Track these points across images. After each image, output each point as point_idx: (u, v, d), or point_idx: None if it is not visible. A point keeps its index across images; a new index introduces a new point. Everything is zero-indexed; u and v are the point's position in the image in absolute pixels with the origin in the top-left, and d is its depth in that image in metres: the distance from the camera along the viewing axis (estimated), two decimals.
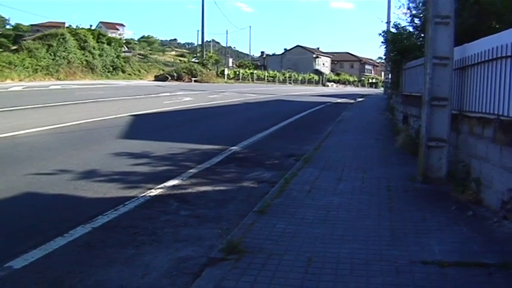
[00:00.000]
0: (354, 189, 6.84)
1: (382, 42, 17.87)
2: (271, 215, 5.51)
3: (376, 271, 3.96)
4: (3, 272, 4.02)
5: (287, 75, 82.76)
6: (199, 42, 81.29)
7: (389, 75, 26.02)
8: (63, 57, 43.20)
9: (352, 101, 33.64)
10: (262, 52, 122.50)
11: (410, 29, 14.07)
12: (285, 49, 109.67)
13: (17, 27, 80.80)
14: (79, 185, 6.91)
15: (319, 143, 11.37)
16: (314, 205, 5.98)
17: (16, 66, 36.83)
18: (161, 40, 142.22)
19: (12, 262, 4.20)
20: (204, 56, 69.33)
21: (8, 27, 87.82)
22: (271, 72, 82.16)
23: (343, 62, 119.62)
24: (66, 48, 43.80)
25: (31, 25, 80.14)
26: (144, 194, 6.57)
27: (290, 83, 79.77)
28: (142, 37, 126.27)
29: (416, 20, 13.14)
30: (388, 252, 4.39)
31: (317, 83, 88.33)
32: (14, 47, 44.99)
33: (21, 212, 5.77)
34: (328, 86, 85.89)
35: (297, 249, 4.45)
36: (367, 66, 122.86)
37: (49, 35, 44.42)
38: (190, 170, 8.19)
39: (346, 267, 4.04)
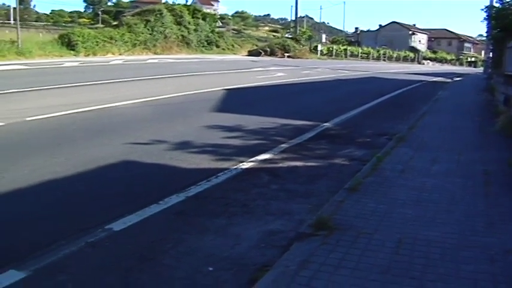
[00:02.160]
0: (448, 172, 6.59)
1: (484, 18, 16.80)
2: (362, 193, 5.44)
3: (468, 258, 3.81)
4: (104, 232, 4.29)
5: (381, 52, 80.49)
6: (293, 18, 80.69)
7: (491, 53, 24.60)
8: (160, 32, 44.31)
9: (449, 80, 32.27)
10: (356, 28, 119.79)
11: None
12: (380, 25, 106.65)
13: (117, 3, 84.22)
14: (174, 155, 7.16)
15: (413, 123, 11.03)
16: (406, 185, 5.84)
17: (116, 41, 38.25)
18: (255, 15, 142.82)
19: (112, 224, 4.45)
20: (298, 31, 68.80)
21: (109, 4, 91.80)
22: (365, 48, 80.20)
23: (441, 39, 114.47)
24: (163, 23, 44.88)
25: (130, 1, 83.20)
26: (236, 167, 6.70)
27: (384, 60, 77.59)
28: (236, 12, 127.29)
29: None
30: (482, 239, 4.21)
31: (412, 60, 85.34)
32: (115, 23, 46.85)
33: (119, 179, 6.10)
34: (423, 64, 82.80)
35: (387, 229, 4.38)
36: (466, 44, 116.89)
37: (147, 10, 45.67)
38: (282, 145, 8.24)
39: (437, 251, 3.93)
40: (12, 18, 55.72)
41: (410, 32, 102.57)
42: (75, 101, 11.68)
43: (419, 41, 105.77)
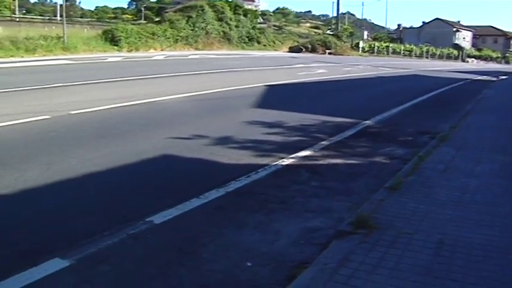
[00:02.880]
0: (492, 173, 6.42)
1: None
2: (403, 192, 5.37)
3: None
4: (145, 225, 4.36)
5: (424, 49, 79.04)
6: (335, 14, 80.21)
7: None
8: (202, 28, 44.65)
9: (494, 78, 31.42)
10: (399, 25, 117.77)
11: None
12: (423, 22, 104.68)
13: (160, 0, 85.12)
14: (214, 150, 7.22)
15: (456, 122, 10.80)
16: (448, 186, 5.72)
17: (159, 36, 38.75)
18: (296, 12, 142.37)
19: (153, 217, 4.53)
20: (339, 28, 68.31)
21: (152, 0, 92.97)
22: (407, 46, 78.90)
23: (486, 36, 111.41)
24: (204, 19, 45.21)
25: None
26: (276, 163, 6.70)
27: (427, 57, 76.17)
28: (277, 9, 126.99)
29: None
30: None
31: (456, 58, 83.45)
32: (157, 19, 47.48)
33: (160, 172, 6.20)
34: (468, 61, 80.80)
35: (427, 229, 4.31)
36: None
37: (189, 7, 46.08)
38: (322, 142, 8.20)
39: (479, 253, 3.84)
40: (58, 15, 57.05)
41: (454, 29, 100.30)
42: (119, 95, 11.92)
43: (464, 38, 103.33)
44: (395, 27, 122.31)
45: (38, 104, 10.28)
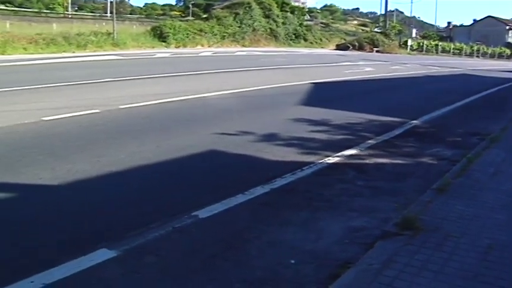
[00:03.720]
0: None
1: None
2: (451, 194, 5.26)
3: None
4: (190, 219, 4.43)
5: (475, 48, 76.98)
6: (382, 12, 78.85)
7: None
8: (249, 25, 44.77)
9: None
10: (449, 23, 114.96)
11: None
12: (474, 20, 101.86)
13: None
14: (260, 147, 7.25)
15: (507, 123, 10.49)
16: (498, 189, 5.58)
17: (206, 33, 39.09)
18: (343, 9, 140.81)
19: (198, 212, 4.59)
20: (387, 26, 67.26)
21: None
22: (457, 44, 76.91)
23: None
24: (251, 16, 45.31)
25: None
26: (321, 161, 6.68)
27: (477, 56, 74.10)
28: (324, 6, 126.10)
29: None
30: None
31: (508, 57, 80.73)
32: (205, 16, 47.87)
33: (206, 168, 6.28)
34: None
35: (475, 233, 4.22)
36: None
37: (236, 4, 46.24)
38: (369, 141, 8.13)
39: None
40: (109, 12, 58.35)
41: (507, 27, 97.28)
42: (167, 91, 12.11)
43: None
44: (445, 25, 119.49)
45: (88, 98, 10.55)
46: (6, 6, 64.33)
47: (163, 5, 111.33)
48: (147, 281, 3.42)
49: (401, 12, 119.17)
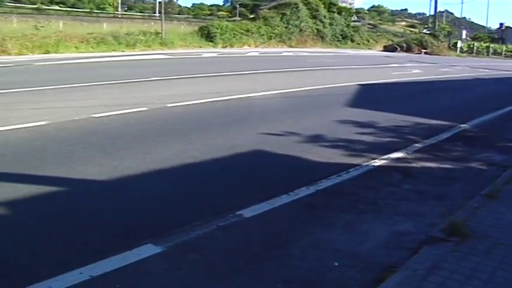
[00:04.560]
0: None
1: None
2: (501, 201, 5.11)
3: None
4: (234, 218, 4.47)
5: None
6: (432, 13, 77.41)
7: None
8: (296, 26, 44.64)
9: None
10: (501, 24, 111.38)
11: None
12: None
13: None
14: (305, 148, 7.24)
15: None
16: None
17: (253, 33, 39.25)
18: (391, 10, 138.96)
19: (242, 211, 4.62)
20: (436, 27, 65.91)
21: None
22: (510, 46, 74.76)
23: None
24: (298, 17, 45.17)
25: None
26: (367, 163, 6.61)
27: None
28: (372, 7, 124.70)
29: None
30: None
31: None
32: (252, 16, 48.04)
33: (251, 167, 6.32)
34: None
35: None
36: None
37: (283, 4, 46.18)
38: (416, 144, 7.99)
39: None
40: (157, 12, 59.31)
41: None
42: (214, 90, 12.23)
43: None
44: (497, 26, 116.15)
45: (136, 97, 10.77)
46: (60, 7, 66.32)
47: (211, 5, 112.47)
48: (190, 278, 3.46)
49: (451, 13, 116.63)
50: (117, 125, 8.09)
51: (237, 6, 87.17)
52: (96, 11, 66.50)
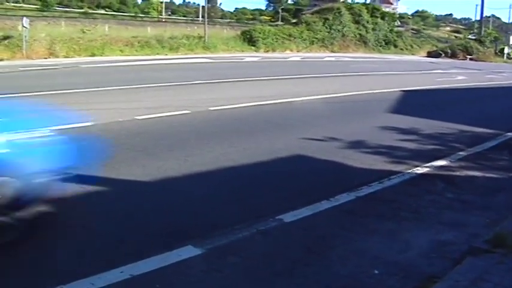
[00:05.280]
0: None
1: None
2: None
3: None
4: (274, 222, 4.48)
5: None
6: (477, 18, 75.85)
7: None
8: (338, 31, 44.38)
9: None
10: None
11: None
12: None
13: (297, 2, 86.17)
14: (346, 154, 7.20)
15: None
16: None
17: (295, 38, 39.19)
18: (436, 15, 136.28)
19: (282, 215, 4.63)
20: (482, 32, 64.48)
21: (289, 2, 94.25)
22: None
23: None
24: (341, 22, 44.90)
25: (310, 0, 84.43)
26: (409, 171, 6.53)
27: None
28: (416, 12, 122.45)
29: None
30: None
31: None
32: (294, 21, 48.03)
33: (292, 172, 6.32)
34: None
35: None
36: None
37: (326, 9, 46.02)
38: (460, 152, 7.84)
39: None
40: (200, 16, 59.94)
41: None
42: (256, 94, 12.31)
43: None
44: None
45: (179, 99, 10.93)
46: (106, 11, 67.78)
47: (253, 10, 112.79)
48: (229, 281, 3.49)
49: (498, 18, 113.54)
50: (161, 127, 8.22)
51: (280, 10, 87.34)
52: (140, 15, 67.57)
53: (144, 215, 4.61)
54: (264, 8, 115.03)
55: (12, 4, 58.32)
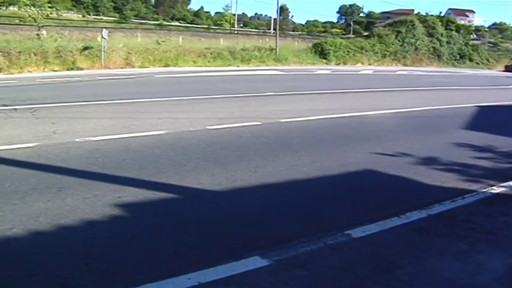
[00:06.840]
0: None
1: None
2: None
3: None
4: (343, 237, 4.43)
5: None
6: None
7: None
8: (411, 44, 43.59)
9: None
10: None
11: None
12: None
13: (369, 14, 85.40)
14: (418, 170, 7.03)
15: None
16: None
17: (367, 51, 38.84)
18: None
19: (351, 231, 4.58)
20: None
21: (361, 15, 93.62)
22: None
23: None
24: (414, 35, 44.06)
25: (382, 12, 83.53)
26: (484, 190, 6.28)
27: None
28: (493, 24, 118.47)
29: None
30: None
31: None
32: (366, 33, 47.60)
33: (361, 187, 6.25)
34: None
35: None
36: None
37: (399, 22, 45.30)
38: None
39: None
40: (272, 28, 60.53)
41: None
42: (327, 107, 12.33)
43: None
44: None
45: (250, 111, 11.06)
46: (180, 23, 69.70)
47: (325, 23, 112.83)
48: None
49: None
50: (231, 138, 8.35)
51: (351, 23, 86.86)
52: (213, 27, 69.11)
53: (211, 224, 4.69)
54: (335, 20, 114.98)
55: (93, 17, 61.05)
